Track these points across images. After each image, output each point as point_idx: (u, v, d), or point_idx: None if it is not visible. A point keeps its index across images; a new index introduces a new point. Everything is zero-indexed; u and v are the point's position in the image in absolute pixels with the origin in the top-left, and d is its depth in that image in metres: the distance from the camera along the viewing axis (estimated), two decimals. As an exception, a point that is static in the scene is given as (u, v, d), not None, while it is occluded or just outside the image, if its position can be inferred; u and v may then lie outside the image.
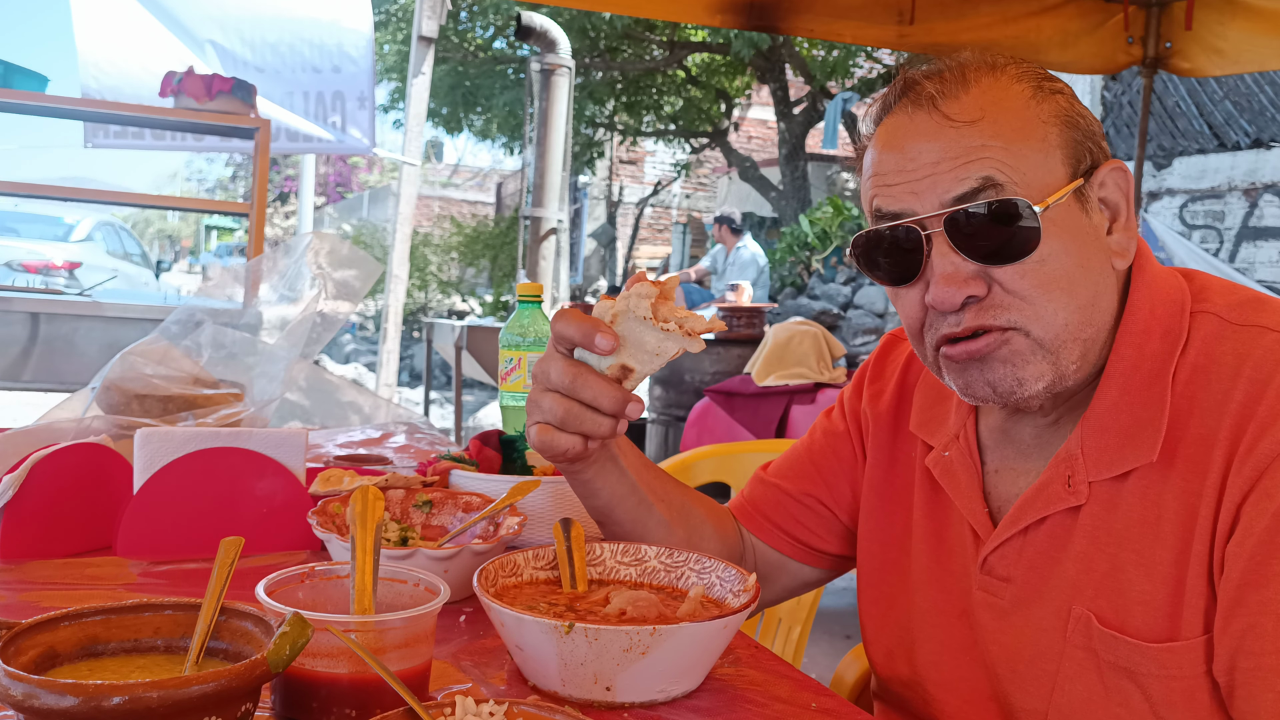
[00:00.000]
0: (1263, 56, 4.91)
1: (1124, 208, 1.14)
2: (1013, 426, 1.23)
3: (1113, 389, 1.11)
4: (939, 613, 1.26)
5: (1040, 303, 1.07)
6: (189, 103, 4.08)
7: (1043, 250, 1.06)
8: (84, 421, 1.59)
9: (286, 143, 7.07)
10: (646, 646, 0.95)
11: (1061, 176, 1.08)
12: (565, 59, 9.15)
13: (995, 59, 1.12)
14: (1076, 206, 1.09)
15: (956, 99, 1.08)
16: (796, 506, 1.45)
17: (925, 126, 1.09)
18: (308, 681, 0.90)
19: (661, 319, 1.08)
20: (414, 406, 11.54)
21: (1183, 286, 1.15)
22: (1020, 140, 1.07)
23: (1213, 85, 8.94)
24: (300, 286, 1.89)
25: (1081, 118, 1.11)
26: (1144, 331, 1.11)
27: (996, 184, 1.05)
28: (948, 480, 1.26)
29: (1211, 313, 1.11)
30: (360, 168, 31.38)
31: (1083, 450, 1.12)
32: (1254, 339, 1.06)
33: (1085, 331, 1.10)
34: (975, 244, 1.06)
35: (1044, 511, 1.14)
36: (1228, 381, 1.05)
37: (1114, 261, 1.12)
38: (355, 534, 1.01)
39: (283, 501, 1.45)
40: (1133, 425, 1.09)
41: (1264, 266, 8.49)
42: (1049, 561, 1.14)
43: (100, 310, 4.07)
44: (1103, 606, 1.09)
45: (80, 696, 0.70)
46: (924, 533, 1.30)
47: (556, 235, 9.24)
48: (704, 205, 21.78)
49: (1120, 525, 1.09)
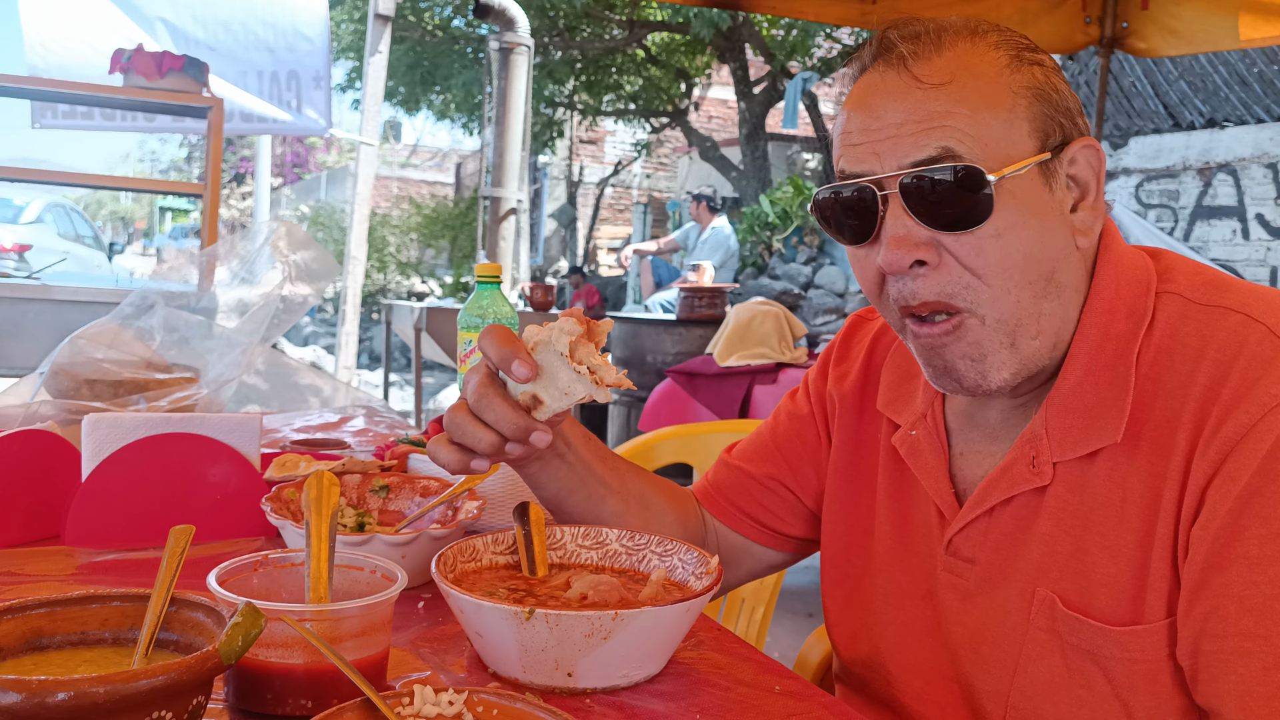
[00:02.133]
0: (1216, 36, 4.97)
1: (1093, 186, 1.12)
2: (978, 410, 1.23)
3: (1077, 369, 1.10)
4: (903, 594, 1.26)
5: (992, 278, 1.06)
6: (139, 81, 4.00)
7: (997, 222, 1.04)
8: (31, 407, 1.55)
9: (241, 124, 6.98)
10: (608, 631, 0.94)
11: (1026, 149, 1.06)
12: (524, 37, 9.08)
13: (978, 25, 1.10)
14: (1039, 181, 1.07)
15: (929, 61, 1.07)
16: (760, 490, 1.44)
17: (894, 86, 1.07)
18: (262, 673, 0.88)
19: (578, 360, 1.06)
20: (373, 389, 11.47)
21: (1149, 266, 1.14)
22: (986, 108, 1.05)
23: (1168, 65, 9.04)
24: (260, 271, 1.86)
25: (1056, 92, 1.09)
26: (1109, 311, 1.10)
27: (955, 152, 1.04)
28: (914, 459, 1.25)
29: (1176, 293, 1.10)
30: (318, 148, 31.06)
31: (1047, 431, 1.11)
32: (1218, 320, 1.05)
33: (1043, 306, 1.08)
34: (928, 209, 1.05)
35: (1009, 492, 1.13)
36: (1191, 363, 1.04)
37: (1076, 239, 1.10)
38: (310, 520, 0.99)
39: (236, 488, 1.42)
40: (1097, 405, 1.08)
41: (1217, 245, 8.61)
42: (1014, 543, 1.14)
43: (50, 293, 3.98)
44: (1067, 589, 1.08)
45: (24, 693, 0.67)
46: (888, 513, 1.29)
47: (516, 215, 9.20)
48: (664, 185, 21.75)
49: (1085, 507, 1.08)
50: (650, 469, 1.48)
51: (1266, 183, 8.35)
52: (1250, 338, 1.01)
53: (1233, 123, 8.65)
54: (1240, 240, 8.50)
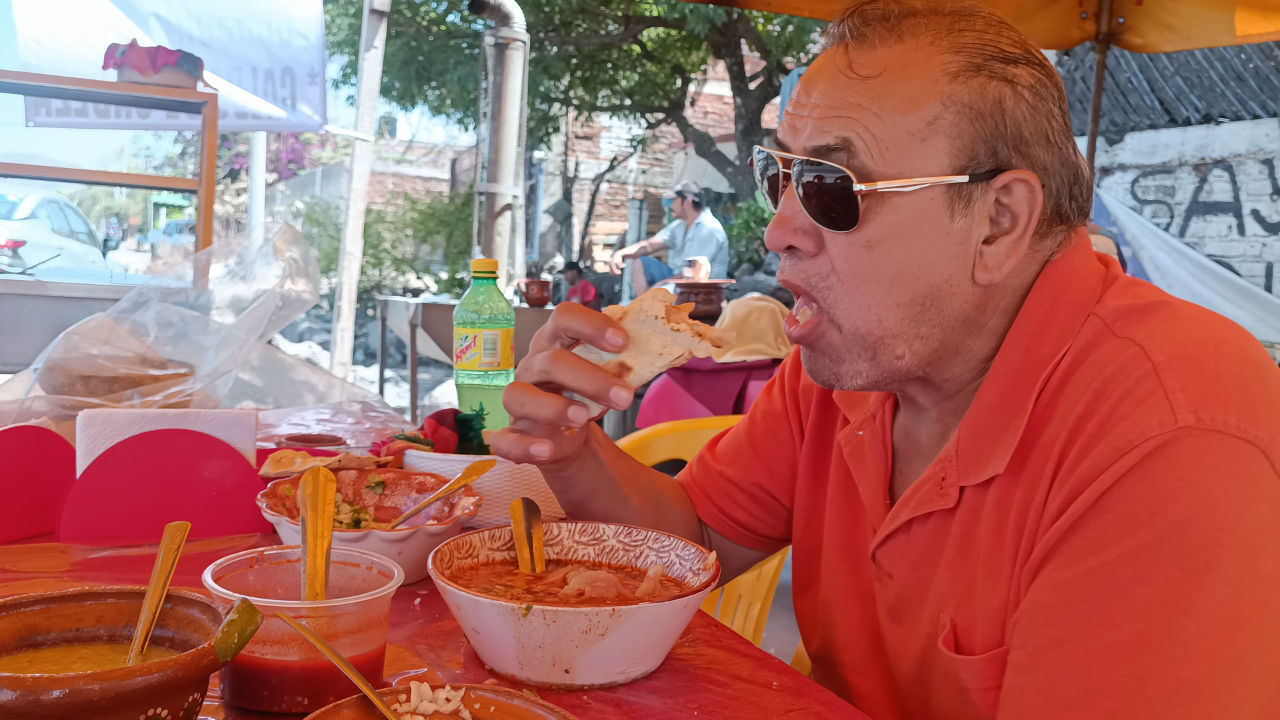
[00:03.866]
0: (1212, 32, 4.97)
1: (1022, 224, 1.02)
2: (914, 426, 1.18)
3: (992, 392, 1.04)
4: (849, 593, 1.24)
5: (854, 290, 1.02)
6: (133, 76, 3.99)
7: (871, 233, 1.00)
8: (25, 403, 1.55)
9: (235, 120, 6.95)
10: (606, 628, 0.93)
11: (933, 166, 0.99)
12: (520, 33, 9.07)
13: (961, 19, 1.03)
14: (941, 202, 1.00)
15: (871, 50, 1.01)
16: (745, 498, 1.42)
17: (829, 68, 1.04)
18: (258, 670, 0.88)
19: (674, 322, 1.06)
20: (369, 385, 11.45)
21: (1096, 285, 1.05)
22: (900, 112, 0.99)
23: (1164, 61, 9.04)
24: (256, 268, 1.85)
25: (1006, 115, 1.00)
26: (1036, 334, 1.03)
27: (851, 148, 0.99)
28: (855, 461, 1.22)
29: (1099, 316, 1.01)
30: (312, 144, 30.99)
31: (958, 453, 1.06)
32: (1118, 351, 0.95)
33: (919, 329, 1.03)
34: (812, 199, 1.02)
35: (917, 510, 1.10)
36: (1080, 393, 0.95)
37: (976, 274, 1.02)
38: (306, 516, 0.98)
39: (232, 484, 1.42)
40: (1001, 432, 1.02)
41: (1213, 241, 8.62)
42: (928, 564, 1.10)
43: (44, 289, 3.97)
44: (961, 619, 1.05)
45: (18, 690, 0.67)
46: (836, 511, 1.27)
47: (512, 211, 9.19)
48: (660, 181, 21.73)
49: (979, 535, 1.04)
50: (647, 465, 1.48)
51: (1262, 178, 8.36)
52: (1134, 374, 0.92)
53: (1228, 118, 8.65)
54: (1236, 236, 8.51)
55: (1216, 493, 0.85)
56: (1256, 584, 0.84)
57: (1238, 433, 0.86)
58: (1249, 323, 7.28)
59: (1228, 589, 0.83)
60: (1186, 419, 0.87)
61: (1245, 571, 0.84)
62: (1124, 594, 0.86)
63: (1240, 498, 0.85)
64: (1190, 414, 0.87)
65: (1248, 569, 0.84)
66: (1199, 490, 0.85)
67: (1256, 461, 0.86)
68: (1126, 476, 0.87)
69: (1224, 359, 0.91)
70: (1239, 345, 0.93)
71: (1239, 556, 0.84)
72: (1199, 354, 0.91)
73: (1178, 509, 0.85)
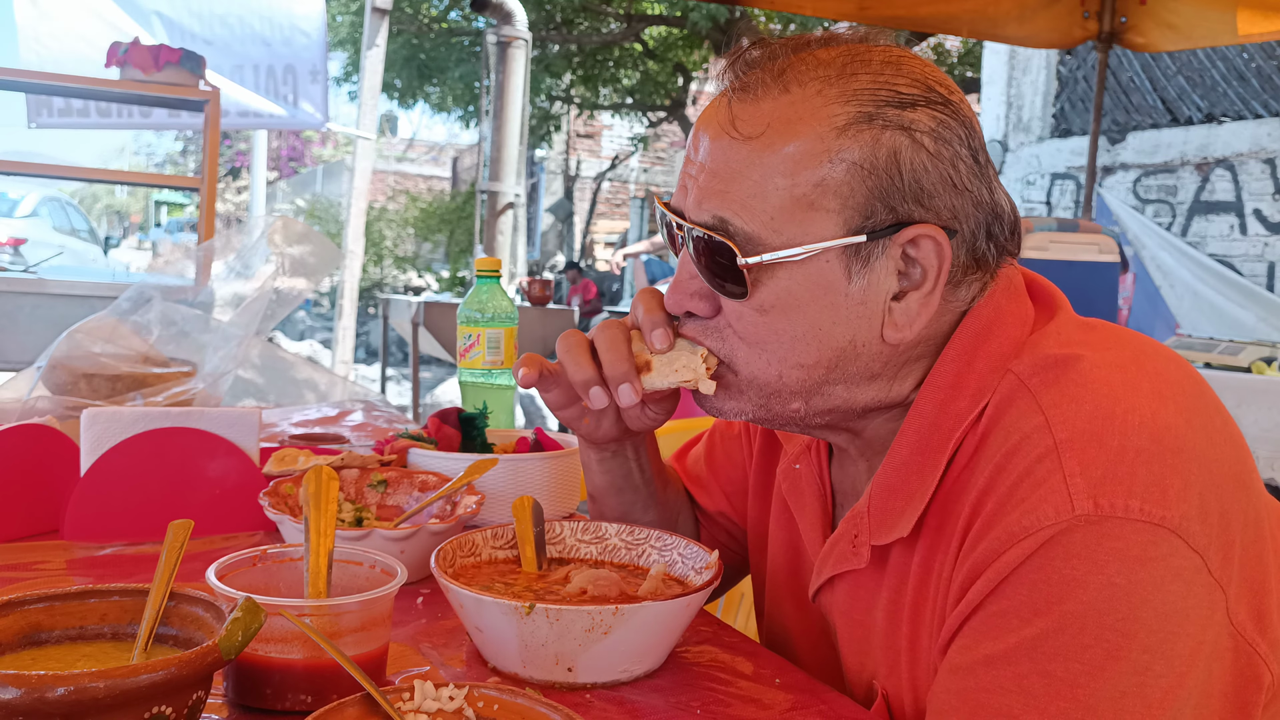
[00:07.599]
0: (1214, 31, 4.98)
1: (932, 278, 0.95)
2: (839, 468, 1.15)
3: (904, 447, 0.99)
4: (804, 627, 1.20)
5: (754, 352, 0.99)
6: (135, 74, 3.99)
7: (763, 300, 0.96)
8: (29, 402, 1.55)
9: (237, 119, 6.95)
10: (609, 626, 0.94)
11: (824, 230, 0.94)
12: (522, 31, 9.07)
13: (847, 66, 0.95)
14: (837, 264, 0.94)
15: (755, 103, 0.95)
16: (714, 527, 1.40)
17: (713, 122, 0.98)
18: (261, 668, 0.88)
19: (704, 355, 1.04)
20: (370, 384, 11.45)
21: (1018, 335, 0.99)
22: (786, 175, 0.93)
23: (1166, 60, 9.03)
24: (255, 264, 1.86)
25: (903, 167, 0.93)
26: (952, 387, 0.97)
27: (728, 225, 0.95)
28: (794, 498, 1.17)
29: (1015, 372, 0.94)
30: (314, 142, 30.95)
31: (869, 510, 1.02)
32: (1025, 418, 0.89)
33: (825, 389, 0.99)
34: (703, 266, 0.98)
35: (836, 569, 1.06)
36: (987, 462, 0.90)
37: (885, 333, 0.97)
38: (309, 515, 0.99)
39: (235, 482, 1.42)
40: (912, 491, 0.97)
41: (1215, 240, 8.61)
42: (859, 626, 1.07)
43: (46, 287, 3.97)
44: (892, 689, 1.02)
45: (23, 688, 0.67)
46: (779, 545, 1.24)
47: (513, 209, 9.19)
48: (662, 180, 21.73)
49: (904, 602, 1.00)
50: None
51: (1264, 178, 8.34)
52: (1035, 451, 0.87)
53: (1230, 118, 8.64)
54: (1238, 235, 8.50)
55: (1118, 581, 0.80)
56: (1169, 669, 0.80)
57: (1141, 516, 0.81)
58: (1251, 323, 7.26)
59: (1135, 678, 0.80)
60: (1084, 506, 0.82)
61: (1156, 658, 0.80)
62: (1022, 684, 0.82)
63: (1146, 584, 0.80)
64: (1088, 500, 0.82)
65: (1158, 655, 0.80)
66: (1098, 580, 0.81)
67: (1165, 543, 0.81)
68: (1023, 565, 0.84)
69: (1129, 433, 0.85)
70: (1151, 413, 0.86)
71: (1148, 644, 0.80)
72: (1103, 430, 0.85)
73: (1076, 600, 0.81)
